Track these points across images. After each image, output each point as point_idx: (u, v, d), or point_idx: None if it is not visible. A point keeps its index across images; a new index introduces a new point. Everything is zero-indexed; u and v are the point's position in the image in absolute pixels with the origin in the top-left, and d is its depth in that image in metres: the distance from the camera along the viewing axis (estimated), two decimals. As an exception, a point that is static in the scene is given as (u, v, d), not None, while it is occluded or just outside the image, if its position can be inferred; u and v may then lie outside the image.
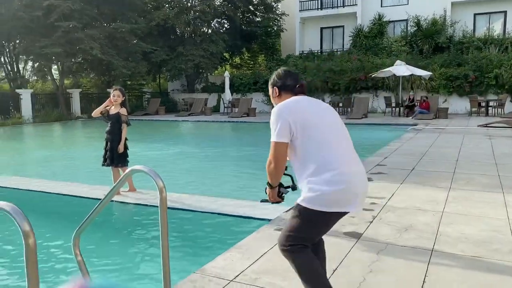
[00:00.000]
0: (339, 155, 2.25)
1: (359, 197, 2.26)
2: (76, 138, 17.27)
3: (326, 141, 2.24)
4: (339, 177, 2.17)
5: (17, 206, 1.50)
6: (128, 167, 6.00)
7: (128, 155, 6.12)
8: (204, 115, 24.42)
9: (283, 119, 2.21)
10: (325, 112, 2.38)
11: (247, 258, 3.46)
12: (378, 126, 17.13)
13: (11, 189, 6.68)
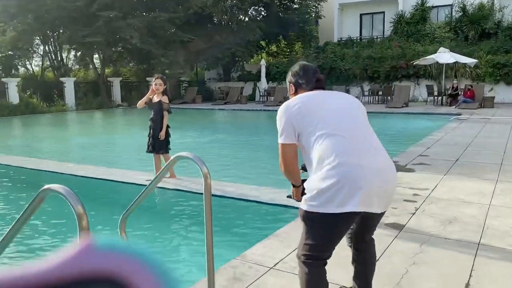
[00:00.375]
0: (346, 147, 1.96)
1: (372, 195, 1.91)
2: (118, 125, 17.76)
3: (334, 134, 1.98)
4: (336, 169, 1.88)
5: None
6: (169, 154, 6.12)
7: (170, 142, 6.23)
8: (239, 104, 24.47)
9: (285, 119, 2.07)
10: (340, 105, 2.15)
11: (287, 246, 3.45)
12: (419, 115, 16.63)
13: (57, 173, 6.96)
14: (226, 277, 2.94)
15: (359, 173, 1.89)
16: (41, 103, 21.78)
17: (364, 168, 1.91)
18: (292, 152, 2.13)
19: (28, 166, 7.53)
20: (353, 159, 1.91)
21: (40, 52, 29.75)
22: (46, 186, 1.58)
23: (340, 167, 1.88)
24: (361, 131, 2.09)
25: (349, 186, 1.87)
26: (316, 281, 2.04)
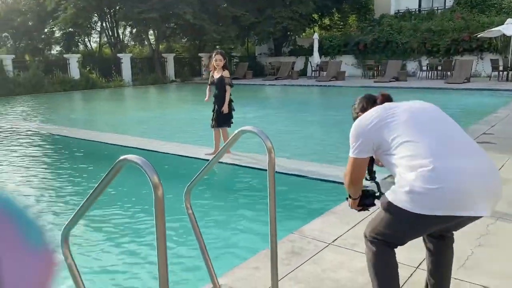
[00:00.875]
0: (441, 148, 1.80)
1: (473, 198, 1.72)
2: (173, 101, 18.20)
3: (424, 136, 1.84)
4: (433, 172, 1.72)
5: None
6: (228, 129, 6.18)
7: (232, 117, 6.27)
8: (291, 79, 24.23)
9: (361, 134, 1.97)
10: (421, 109, 2.01)
11: (345, 223, 3.42)
12: (482, 91, 15.70)
13: (120, 146, 7.28)
14: (285, 250, 2.97)
15: (458, 178, 1.72)
16: (100, 79, 22.70)
17: (464, 171, 1.74)
18: (364, 166, 2.07)
19: (95, 139, 7.94)
20: (450, 161, 1.76)
21: (97, 29, 30.89)
22: (123, 156, 1.64)
23: (437, 171, 1.72)
24: (454, 131, 1.93)
25: (447, 191, 1.71)
26: (386, 262, 1.95)
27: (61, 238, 1.93)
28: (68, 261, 1.93)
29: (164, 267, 1.60)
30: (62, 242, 1.93)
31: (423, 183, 1.71)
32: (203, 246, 2.50)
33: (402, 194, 1.78)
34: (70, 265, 1.94)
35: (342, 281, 2.55)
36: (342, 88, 18.85)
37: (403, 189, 1.78)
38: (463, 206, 1.72)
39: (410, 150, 1.81)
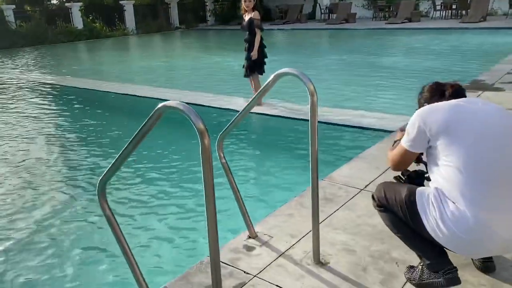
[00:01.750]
0: (487, 186, 1.68)
1: (492, 252, 1.86)
2: (183, 48, 17.75)
3: (473, 162, 1.70)
4: (466, 222, 1.66)
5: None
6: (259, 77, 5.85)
7: (265, 63, 5.89)
8: (299, 23, 23.49)
9: (419, 126, 1.81)
10: (492, 122, 1.77)
11: (375, 167, 3.35)
12: (500, 30, 15.08)
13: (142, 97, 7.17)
14: (317, 197, 2.91)
15: (476, 236, 1.68)
16: (104, 28, 22.13)
17: (489, 234, 1.68)
18: (411, 160, 1.98)
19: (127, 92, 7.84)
20: (489, 216, 1.66)
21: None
22: (163, 103, 1.53)
23: (470, 223, 1.66)
24: (509, 169, 1.72)
25: (468, 245, 1.72)
26: (399, 222, 1.95)
27: (98, 190, 1.87)
28: (107, 213, 1.88)
29: (213, 217, 1.54)
30: (99, 194, 1.87)
31: (453, 224, 1.69)
32: (238, 195, 2.44)
33: (433, 213, 1.75)
34: (109, 217, 1.88)
35: (379, 226, 2.50)
36: (354, 31, 18.25)
37: (437, 212, 1.74)
38: (474, 255, 1.95)
39: (460, 178, 1.70)
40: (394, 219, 1.96)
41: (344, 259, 2.22)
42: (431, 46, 12.45)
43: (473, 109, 1.81)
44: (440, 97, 1.96)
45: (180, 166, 4.30)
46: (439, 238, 1.76)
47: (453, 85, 1.99)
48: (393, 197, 1.93)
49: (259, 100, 5.71)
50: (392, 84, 7.51)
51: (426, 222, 1.79)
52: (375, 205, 2.07)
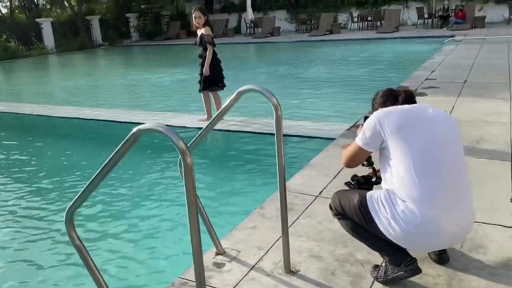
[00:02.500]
0: (431, 193, 1.85)
1: (440, 246, 2.05)
2: (111, 66, 17.15)
3: (423, 163, 1.87)
4: (417, 219, 1.84)
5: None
6: (218, 92, 5.76)
7: (223, 77, 5.79)
8: (226, 37, 23.74)
9: (375, 127, 1.95)
10: (440, 128, 1.96)
11: (325, 175, 3.50)
12: (413, 39, 16.41)
13: (65, 118, 6.82)
14: (275, 207, 2.95)
15: (425, 232, 1.86)
16: (20, 47, 20.81)
17: (437, 228, 1.86)
18: (364, 157, 2.13)
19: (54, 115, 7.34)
20: (436, 212, 1.84)
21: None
22: (138, 127, 1.51)
23: (421, 221, 1.83)
24: (458, 168, 1.95)
25: (416, 240, 1.90)
26: (356, 226, 2.10)
27: (66, 220, 1.78)
28: (76, 243, 1.80)
29: (196, 236, 1.53)
30: (67, 224, 1.78)
31: (407, 222, 1.85)
32: (203, 213, 2.44)
33: (385, 214, 1.91)
34: (79, 247, 1.80)
35: (340, 231, 2.59)
36: (280, 44, 18.83)
37: (388, 213, 1.90)
38: (424, 250, 2.12)
39: (410, 178, 1.86)
40: (352, 224, 2.10)
41: (313, 266, 2.30)
42: (354, 56, 13.21)
43: (424, 115, 1.99)
44: (393, 102, 2.12)
45: (147, 190, 4.22)
46: (392, 236, 1.91)
47: (406, 91, 2.17)
48: (347, 204, 2.08)
49: (210, 116, 5.74)
50: (323, 93, 7.87)
51: (379, 222, 1.94)
52: (333, 214, 2.21)
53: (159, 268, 2.94)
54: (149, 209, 3.80)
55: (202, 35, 5.55)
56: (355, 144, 2.07)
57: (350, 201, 2.06)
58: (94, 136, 6.32)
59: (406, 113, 1.98)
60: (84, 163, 4.96)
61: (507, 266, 2.17)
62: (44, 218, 3.73)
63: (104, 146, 5.24)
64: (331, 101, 7.27)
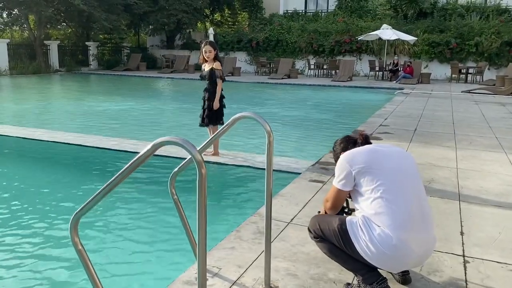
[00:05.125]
0: (401, 218, 2.11)
1: (408, 266, 2.30)
2: (59, 91, 16.86)
3: (391, 193, 2.14)
4: (391, 241, 2.09)
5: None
6: (218, 126, 5.74)
7: (223, 114, 5.77)
8: (187, 73, 24.11)
9: (346, 168, 2.22)
10: (399, 165, 2.25)
11: (295, 204, 3.73)
12: (365, 89, 17.51)
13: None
14: (252, 231, 3.16)
15: (404, 256, 2.13)
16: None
17: (411, 251, 2.13)
18: (345, 197, 2.36)
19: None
20: (406, 236, 2.10)
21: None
22: (160, 139, 1.68)
23: (395, 242, 2.09)
24: (419, 196, 2.23)
25: (390, 260, 2.15)
26: (334, 248, 2.33)
27: (70, 225, 1.88)
28: (78, 248, 1.89)
29: (203, 250, 1.69)
30: (71, 229, 1.88)
31: (383, 244, 2.10)
32: (188, 229, 2.58)
33: (363, 237, 2.15)
34: (80, 252, 1.90)
35: (312, 253, 2.84)
36: (241, 84, 19.34)
37: (366, 236, 2.14)
38: (396, 269, 2.30)
39: (384, 206, 2.13)
40: (330, 247, 2.33)
41: (291, 283, 2.48)
42: (311, 100, 13.88)
43: (386, 151, 2.31)
44: (353, 145, 2.44)
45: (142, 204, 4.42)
46: (368, 256, 2.15)
47: (362, 134, 2.49)
48: (327, 227, 2.31)
49: (216, 150, 5.82)
50: (284, 133, 8.23)
51: (357, 245, 2.18)
52: (312, 237, 2.42)
53: (154, 275, 3.08)
54: (142, 221, 4.04)
55: (213, 69, 5.56)
56: (333, 188, 2.34)
57: (330, 225, 2.29)
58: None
59: (370, 151, 2.30)
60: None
61: (459, 287, 2.46)
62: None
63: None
64: (291, 140, 7.63)
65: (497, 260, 2.78)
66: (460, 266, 2.70)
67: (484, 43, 20.81)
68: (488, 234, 3.18)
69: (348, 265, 2.31)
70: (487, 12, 22.73)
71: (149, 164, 5.49)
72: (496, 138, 6.85)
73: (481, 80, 19.53)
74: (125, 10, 24.96)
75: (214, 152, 5.79)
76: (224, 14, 34.12)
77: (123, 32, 27.66)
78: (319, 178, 4.53)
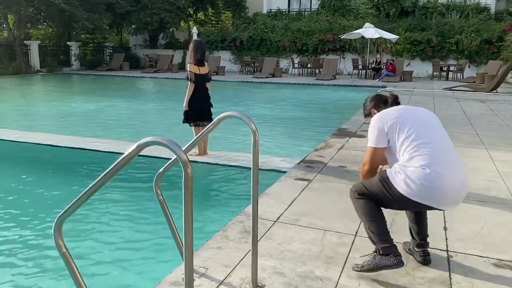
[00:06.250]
0: (437, 156, 2.33)
1: (446, 201, 2.37)
2: (42, 92, 16.59)
3: (425, 140, 2.37)
4: (429, 174, 2.28)
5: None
6: (198, 127, 5.70)
7: (198, 115, 5.68)
8: (171, 72, 23.97)
9: (380, 127, 2.46)
10: (428, 120, 2.52)
11: (281, 202, 3.74)
12: (348, 87, 17.63)
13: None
14: (238, 230, 3.16)
15: (442, 185, 2.30)
16: None
17: (447, 181, 2.30)
18: (382, 155, 2.55)
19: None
20: (443, 170, 2.31)
21: None
22: (143, 140, 1.66)
23: (432, 174, 2.28)
24: (447, 142, 2.48)
25: (426, 190, 2.30)
26: (374, 209, 2.47)
27: (54, 228, 1.85)
28: (62, 251, 1.86)
29: (190, 241, 1.68)
30: (55, 232, 1.85)
31: (419, 178, 2.30)
32: (174, 230, 2.56)
33: (400, 177, 2.33)
34: (65, 255, 1.87)
35: (299, 251, 2.85)
36: (225, 83, 19.30)
37: (403, 175, 2.33)
38: (438, 203, 2.37)
39: (416, 149, 2.36)
40: (370, 206, 2.47)
41: (278, 281, 2.48)
42: (295, 99, 13.95)
43: (413, 108, 2.62)
44: (384, 104, 2.74)
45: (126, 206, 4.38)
46: (409, 193, 2.32)
47: (393, 95, 2.79)
48: (370, 183, 2.49)
49: (205, 149, 5.79)
50: (269, 131, 8.24)
51: (397, 186, 2.35)
52: (355, 196, 2.54)
53: (141, 277, 3.06)
54: (128, 222, 4.01)
55: (186, 71, 5.62)
56: (368, 149, 2.54)
57: (373, 180, 2.48)
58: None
59: (399, 108, 2.59)
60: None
61: (444, 282, 2.50)
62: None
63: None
64: (277, 139, 7.65)
65: (480, 254, 2.84)
66: (444, 261, 2.75)
67: (464, 41, 21.16)
68: (471, 229, 3.24)
69: (375, 229, 2.44)
70: (467, 11, 23.10)
71: (134, 165, 5.46)
72: (477, 134, 6.97)
73: (461, 78, 19.85)
74: (107, 9, 24.68)
75: (200, 152, 5.77)
76: (208, 13, 33.98)
77: (106, 32, 27.34)
78: (305, 176, 4.55)
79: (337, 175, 4.61)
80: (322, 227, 3.25)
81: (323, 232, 3.16)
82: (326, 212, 3.55)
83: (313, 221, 3.36)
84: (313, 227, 3.25)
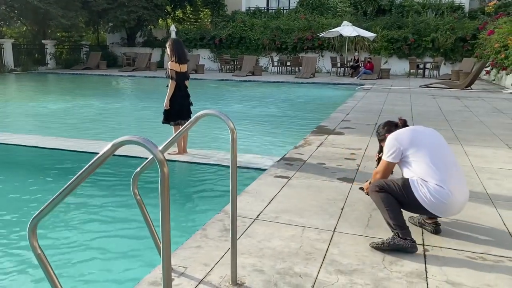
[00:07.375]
0: (450, 173, 2.80)
1: (453, 212, 2.92)
2: (15, 91, 16.20)
3: (434, 158, 2.81)
4: (443, 191, 2.73)
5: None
6: (177, 127, 5.65)
7: (178, 114, 5.62)
8: (149, 71, 23.72)
9: (395, 145, 2.89)
10: (437, 141, 2.96)
11: (261, 200, 3.75)
12: (327, 85, 17.77)
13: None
14: (218, 229, 3.16)
15: (451, 202, 2.78)
16: None
17: (456, 199, 2.79)
18: (392, 168, 3.03)
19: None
20: (452, 187, 2.76)
21: None
22: (118, 139, 1.64)
23: (446, 191, 2.74)
24: (454, 159, 2.97)
25: (439, 205, 2.77)
26: (391, 199, 2.85)
27: (28, 229, 1.82)
28: (37, 252, 1.83)
29: (167, 239, 1.67)
30: (30, 233, 1.82)
31: (437, 193, 2.76)
32: (153, 229, 2.55)
33: (422, 189, 2.78)
34: (40, 256, 1.84)
35: (278, 248, 2.87)
36: (205, 81, 19.22)
37: (425, 188, 2.76)
38: (443, 214, 2.91)
39: (431, 168, 2.80)
40: (389, 197, 2.83)
41: (257, 278, 2.49)
42: (274, 97, 13.99)
43: (423, 130, 3.04)
44: (395, 127, 3.15)
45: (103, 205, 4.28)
46: (425, 201, 2.77)
47: (401, 119, 3.21)
48: (392, 183, 2.87)
49: (185, 148, 5.76)
50: (248, 129, 8.25)
51: (418, 196, 2.79)
52: (375, 189, 2.89)
53: (120, 277, 3.03)
54: (106, 223, 3.95)
55: (167, 68, 5.53)
56: (383, 162, 2.99)
57: (394, 182, 2.88)
58: None
59: (412, 131, 3.01)
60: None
61: (420, 275, 2.55)
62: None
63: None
64: (256, 137, 7.66)
65: (454, 248, 2.90)
66: (420, 255, 2.80)
67: (440, 39, 21.57)
68: (446, 223, 3.31)
69: (394, 216, 2.80)
70: (442, 9, 23.56)
71: (111, 164, 5.40)
72: (452, 130, 7.13)
73: (437, 75, 20.24)
74: (83, 7, 24.26)
75: (179, 151, 5.73)
76: (186, 11, 33.77)
77: (82, 30, 26.86)
78: (285, 173, 4.57)
79: (316, 172, 4.65)
80: (301, 223, 3.28)
81: (302, 228, 3.19)
82: (305, 209, 3.58)
83: (293, 218, 3.38)
84: (293, 224, 3.27)
